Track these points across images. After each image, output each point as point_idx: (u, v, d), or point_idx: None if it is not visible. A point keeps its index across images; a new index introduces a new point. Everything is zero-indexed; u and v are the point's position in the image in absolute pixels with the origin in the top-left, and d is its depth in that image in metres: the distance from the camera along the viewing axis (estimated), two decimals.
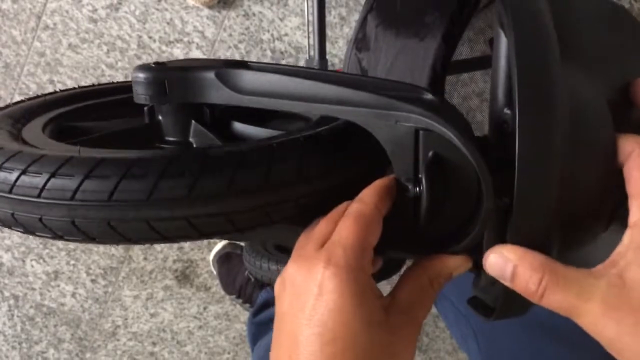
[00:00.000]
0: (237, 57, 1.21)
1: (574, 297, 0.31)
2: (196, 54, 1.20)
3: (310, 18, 0.93)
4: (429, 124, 0.34)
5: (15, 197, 0.35)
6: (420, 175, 0.36)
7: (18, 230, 0.37)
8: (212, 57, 1.21)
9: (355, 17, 1.15)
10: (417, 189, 0.36)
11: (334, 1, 1.15)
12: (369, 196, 0.36)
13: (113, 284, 1.40)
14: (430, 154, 0.35)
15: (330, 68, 0.95)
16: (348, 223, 0.35)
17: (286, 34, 1.18)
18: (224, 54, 1.20)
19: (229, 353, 1.50)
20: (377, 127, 0.36)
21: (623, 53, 0.39)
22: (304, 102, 0.38)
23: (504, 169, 0.32)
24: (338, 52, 1.20)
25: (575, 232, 0.36)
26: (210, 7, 1.16)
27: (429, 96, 0.37)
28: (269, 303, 1.18)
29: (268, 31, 1.18)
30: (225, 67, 0.41)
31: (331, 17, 1.16)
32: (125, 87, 0.59)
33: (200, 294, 1.42)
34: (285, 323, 0.35)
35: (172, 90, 0.41)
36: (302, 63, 1.20)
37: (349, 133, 0.41)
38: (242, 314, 1.45)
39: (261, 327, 1.11)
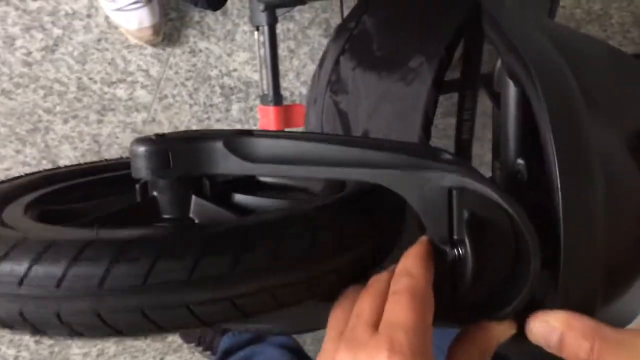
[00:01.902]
0: (184, 95, 1.17)
1: None
2: (141, 93, 1.16)
3: (261, 53, 0.91)
4: (464, 182, 0.33)
5: (26, 291, 0.30)
6: (455, 237, 0.34)
7: (20, 333, 0.32)
8: (158, 95, 1.16)
9: (304, 50, 1.15)
10: (456, 251, 0.34)
11: (282, 34, 1.14)
12: (415, 267, 0.33)
13: (60, 343, 1.30)
14: (469, 213, 0.33)
15: (284, 103, 0.93)
16: (404, 301, 0.31)
17: (235, 69, 1.16)
18: (170, 92, 1.16)
19: None
20: (407, 188, 0.34)
21: (634, 99, 0.40)
22: (325, 167, 0.36)
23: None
24: (288, 86, 1.18)
25: (615, 287, 0.35)
26: (153, 45, 1.12)
27: (449, 155, 0.35)
28: (232, 349, 1.12)
29: (216, 67, 1.16)
30: (233, 136, 0.38)
31: (280, 50, 1.14)
32: (105, 167, 0.55)
33: (156, 344, 1.35)
34: None
35: (176, 162, 0.38)
36: (253, 98, 1.17)
37: (369, 197, 0.39)
38: None
39: None
